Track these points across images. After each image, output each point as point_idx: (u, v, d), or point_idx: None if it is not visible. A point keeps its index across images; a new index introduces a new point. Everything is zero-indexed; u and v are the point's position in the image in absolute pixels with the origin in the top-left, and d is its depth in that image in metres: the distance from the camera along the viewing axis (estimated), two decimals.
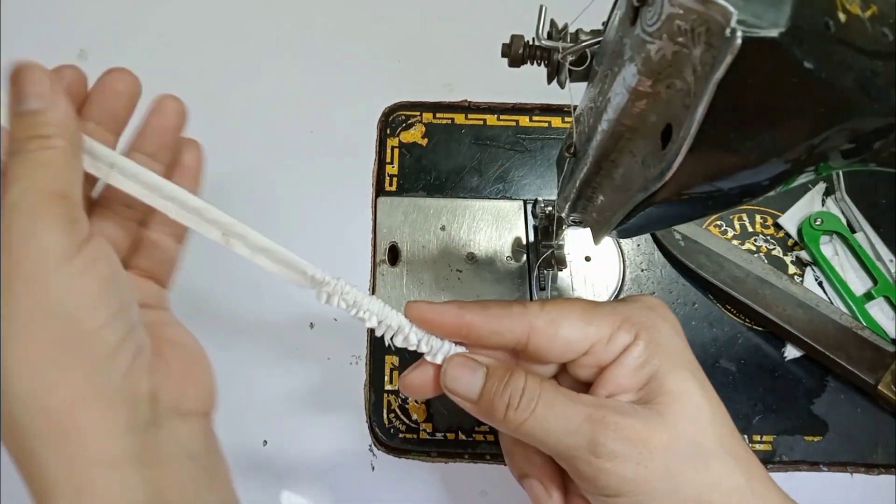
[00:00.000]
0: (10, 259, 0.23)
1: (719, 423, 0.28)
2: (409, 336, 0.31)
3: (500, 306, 0.30)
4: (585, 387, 0.30)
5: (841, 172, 0.50)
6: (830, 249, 0.49)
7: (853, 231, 0.49)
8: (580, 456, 0.27)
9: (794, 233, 0.49)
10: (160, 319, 0.30)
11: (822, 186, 0.50)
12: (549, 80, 0.30)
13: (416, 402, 0.45)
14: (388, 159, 0.51)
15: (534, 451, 0.31)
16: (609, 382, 0.29)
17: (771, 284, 0.46)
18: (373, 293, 0.47)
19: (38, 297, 0.23)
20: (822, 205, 0.50)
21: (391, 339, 0.31)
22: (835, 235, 0.49)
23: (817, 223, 0.48)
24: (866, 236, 0.48)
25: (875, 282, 0.47)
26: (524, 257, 0.48)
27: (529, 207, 0.49)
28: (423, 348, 0.31)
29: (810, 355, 0.45)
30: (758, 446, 0.44)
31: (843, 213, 0.49)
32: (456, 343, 0.31)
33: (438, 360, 0.31)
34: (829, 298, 0.47)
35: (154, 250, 0.32)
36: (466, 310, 0.30)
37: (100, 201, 0.30)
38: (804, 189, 0.50)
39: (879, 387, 0.43)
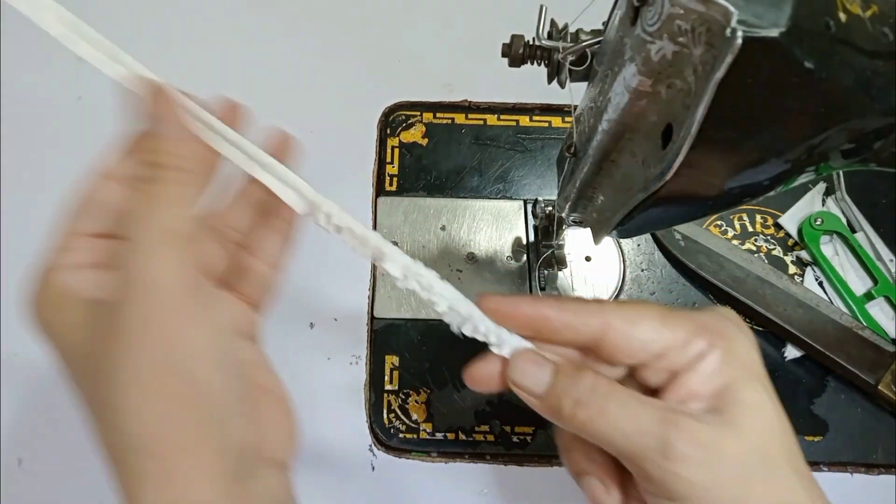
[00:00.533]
0: (130, 304, 0.23)
1: (787, 439, 0.28)
2: (478, 325, 0.30)
3: (577, 301, 0.30)
4: (651, 394, 0.30)
5: (841, 172, 0.50)
6: (831, 249, 0.49)
7: (853, 231, 0.49)
8: (650, 457, 0.26)
9: (794, 233, 0.49)
10: (253, 360, 0.30)
11: (822, 186, 0.50)
12: (550, 80, 0.30)
13: (416, 402, 0.45)
14: (389, 159, 0.51)
15: (595, 450, 0.30)
16: (681, 388, 0.28)
17: (771, 284, 0.46)
18: (373, 293, 0.47)
19: (147, 344, 0.23)
20: (823, 205, 0.50)
21: (459, 327, 0.31)
22: (835, 235, 0.49)
23: (817, 223, 0.48)
24: (866, 236, 0.48)
25: (875, 282, 0.47)
26: (524, 257, 0.48)
27: (529, 207, 0.49)
28: (492, 339, 0.30)
29: (810, 355, 0.45)
30: None
31: (843, 213, 0.49)
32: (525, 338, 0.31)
33: (506, 353, 0.30)
34: (829, 298, 0.47)
35: (252, 275, 0.31)
36: (542, 303, 0.30)
37: (206, 220, 0.30)
38: (804, 189, 0.50)
39: (879, 387, 0.43)
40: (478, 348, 0.46)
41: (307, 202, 0.29)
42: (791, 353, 0.46)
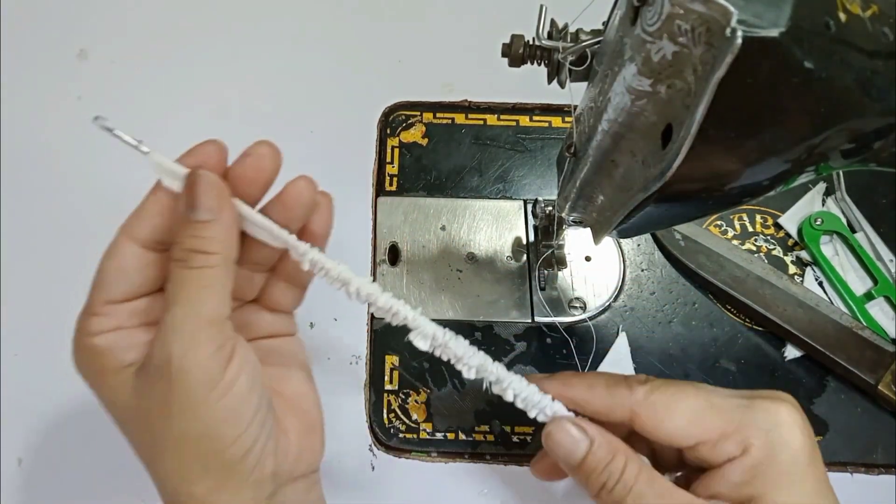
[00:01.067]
0: (167, 385, 0.26)
1: None
2: (506, 389, 0.30)
3: (606, 385, 0.30)
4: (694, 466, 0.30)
5: (841, 172, 0.50)
6: (830, 249, 0.49)
7: (853, 231, 0.49)
8: None
9: (794, 233, 0.49)
10: (283, 374, 0.32)
11: (822, 186, 0.50)
12: (550, 80, 0.30)
13: (416, 401, 0.45)
14: (389, 159, 0.51)
15: None
16: (708, 487, 0.29)
17: (771, 284, 0.46)
18: None
19: (190, 421, 0.26)
20: (823, 205, 0.50)
21: (489, 386, 0.31)
22: (835, 235, 0.49)
23: (817, 223, 0.48)
24: (866, 236, 0.48)
25: (875, 282, 0.47)
26: (524, 257, 0.48)
27: (529, 207, 0.49)
28: (520, 405, 0.31)
29: (810, 355, 0.45)
30: None
31: (843, 212, 0.49)
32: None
33: (541, 418, 0.31)
34: (829, 298, 0.47)
35: (283, 284, 0.34)
36: (571, 385, 0.31)
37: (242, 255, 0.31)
38: (804, 189, 0.50)
39: (879, 387, 0.43)
40: None
41: (340, 282, 0.31)
42: (791, 353, 0.46)
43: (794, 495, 0.28)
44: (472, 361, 0.30)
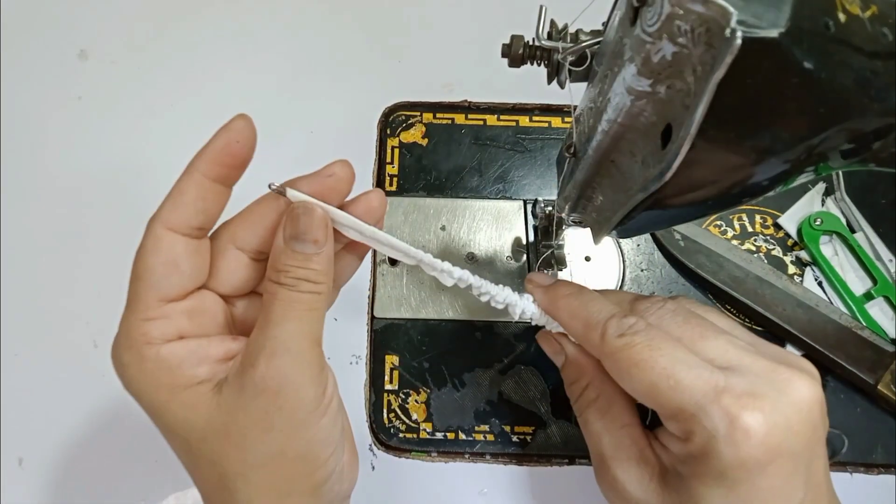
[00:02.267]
0: (274, 401, 0.26)
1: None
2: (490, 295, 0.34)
3: (584, 324, 0.32)
4: None
5: (841, 172, 0.50)
6: (830, 249, 0.49)
7: (853, 231, 0.49)
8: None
9: (793, 233, 0.49)
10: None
11: (821, 186, 0.50)
12: (549, 81, 0.30)
13: (416, 401, 0.45)
14: (388, 159, 0.51)
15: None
16: (663, 440, 0.30)
17: (771, 284, 0.46)
18: (373, 293, 0.47)
19: (286, 440, 0.26)
20: (822, 205, 0.50)
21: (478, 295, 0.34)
22: (834, 235, 0.49)
23: (817, 223, 0.48)
24: (866, 236, 0.48)
25: (875, 282, 0.47)
26: (524, 257, 0.48)
27: (529, 207, 0.49)
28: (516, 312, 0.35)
29: (810, 355, 0.45)
30: None
31: (842, 213, 0.49)
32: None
33: (524, 318, 0.35)
34: (828, 298, 0.47)
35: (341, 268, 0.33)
36: (557, 308, 0.33)
37: None
38: (804, 189, 0.50)
39: (879, 387, 0.43)
40: (475, 352, 0.46)
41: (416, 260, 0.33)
42: (791, 352, 0.46)
43: (719, 500, 0.27)
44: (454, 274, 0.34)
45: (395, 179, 0.51)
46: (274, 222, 0.29)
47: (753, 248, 0.49)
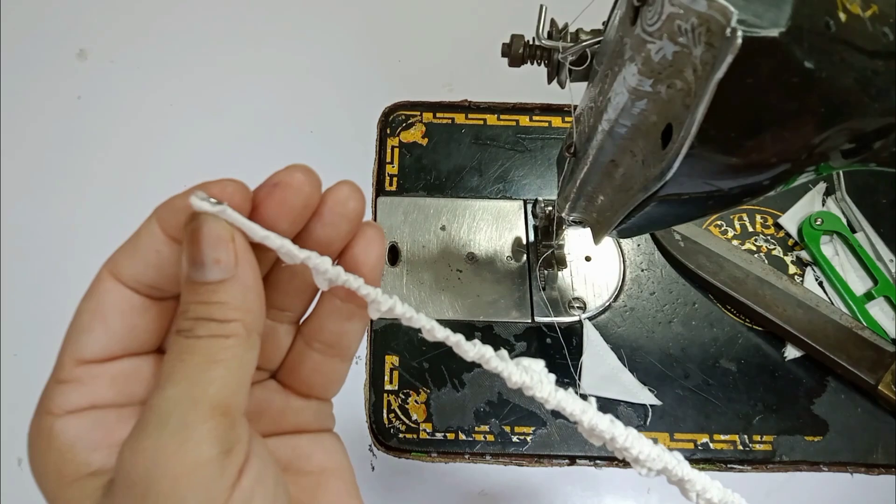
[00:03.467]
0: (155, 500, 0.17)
1: None
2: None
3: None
4: None
5: (841, 172, 0.50)
6: (830, 249, 0.49)
7: (853, 231, 0.49)
8: None
9: (794, 233, 0.49)
10: (313, 466, 0.25)
11: (822, 186, 0.50)
12: (550, 80, 0.30)
13: (416, 401, 0.44)
14: (388, 159, 0.51)
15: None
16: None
17: (771, 285, 0.46)
18: None
19: None
20: (823, 205, 0.50)
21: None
22: (835, 235, 0.48)
23: (817, 223, 0.48)
24: (866, 236, 0.48)
25: (875, 282, 0.47)
26: (524, 257, 0.48)
27: (529, 207, 0.49)
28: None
29: (810, 355, 0.45)
30: (758, 446, 0.44)
31: (843, 212, 0.49)
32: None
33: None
34: (829, 298, 0.47)
35: (318, 373, 0.25)
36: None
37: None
38: (804, 189, 0.50)
39: (880, 387, 0.43)
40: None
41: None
42: (791, 353, 0.46)
43: None
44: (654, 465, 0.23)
45: (395, 179, 0.51)
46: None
47: (754, 248, 0.49)
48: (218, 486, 0.18)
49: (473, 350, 0.23)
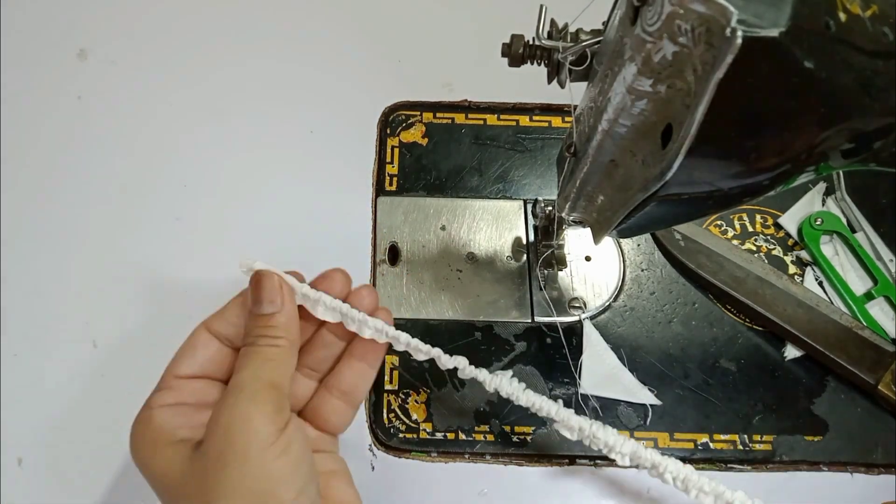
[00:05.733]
0: (226, 437, 0.28)
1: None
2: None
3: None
4: None
5: (841, 172, 0.50)
6: (830, 249, 0.49)
7: (853, 231, 0.49)
8: None
9: (794, 233, 0.49)
10: (325, 469, 0.34)
11: (822, 186, 0.50)
12: (550, 80, 0.30)
13: (416, 401, 0.44)
14: (388, 159, 0.51)
15: None
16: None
17: (771, 284, 0.46)
18: None
19: (242, 475, 0.27)
20: (823, 205, 0.50)
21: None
22: (835, 235, 0.48)
23: (817, 223, 0.48)
24: (866, 236, 0.48)
25: (875, 281, 0.47)
26: (524, 257, 0.48)
27: (529, 207, 0.49)
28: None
29: (810, 355, 0.45)
30: (758, 446, 0.44)
31: (843, 212, 0.49)
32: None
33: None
34: (829, 298, 0.47)
35: (333, 415, 0.36)
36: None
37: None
38: (804, 189, 0.50)
39: (879, 387, 0.43)
40: (475, 352, 0.46)
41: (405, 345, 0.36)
42: (791, 352, 0.46)
43: None
44: (624, 449, 0.34)
45: (395, 179, 0.51)
46: None
47: (754, 248, 0.49)
48: (271, 430, 0.28)
49: (451, 362, 0.35)
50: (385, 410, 0.44)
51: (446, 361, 0.35)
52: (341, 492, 0.34)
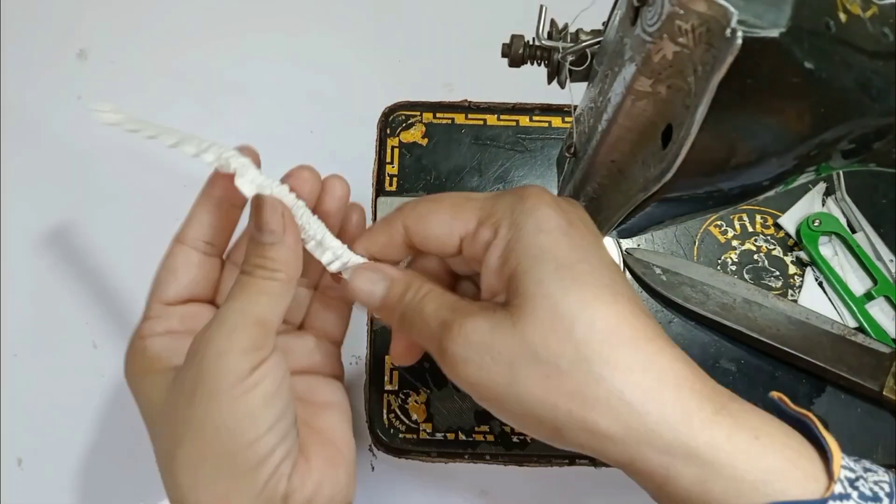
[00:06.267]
0: (199, 371, 0.27)
1: (587, 330, 0.25)
2: (325, 243, 0.32)
3: (383, 221, 0.32)
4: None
5: (841, 172, 0.50)
6: (829, 250, 0.49)
7: (853, 231, 0.49)
8: (437, 360, 0.28)
9: (793, 233, 0.49)
10: (319, 399, 0.33)
11: (822, 187, 0.50)
12: (550, 81, 0.30)
13: (416, 402, 0.45)
14: (388, 159, 0.51)
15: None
16: (483, 285, 0.28)
17: (759, 305, 0.45)
18: None
19: (209, 411, 0.27)
20: (823, 205, 0.50)
21: (312, 251, 0.32)
22: (833, 236, 0.48)
23: (815, 224, 0.48)
24: (866, 236, 0.48)
25: (875, 282, 0.47)
26: None
27: None
28: (329, 256, 0.32)
29: (811, 371, 0.44)
30: None
31: (843, 213, 0.49)
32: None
33: (335, 266, 0.32)
34: (829, 299, 0.47)
35: (327, 311, 0.35)
36: (372, 238, 0.32)
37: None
38: (804, 189, 0.50)
39: (884, 392, 0.43)
40: None
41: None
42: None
43: (540, 268, 0.26)
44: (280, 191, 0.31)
45: (395, 179, 0.51)
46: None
47: (754, 248, 0.49)
48: (244, 367, 0.27)
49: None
50: (385, 411, 0.44)
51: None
52: (332, 426, 0.32)
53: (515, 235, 0.27)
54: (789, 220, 0.49)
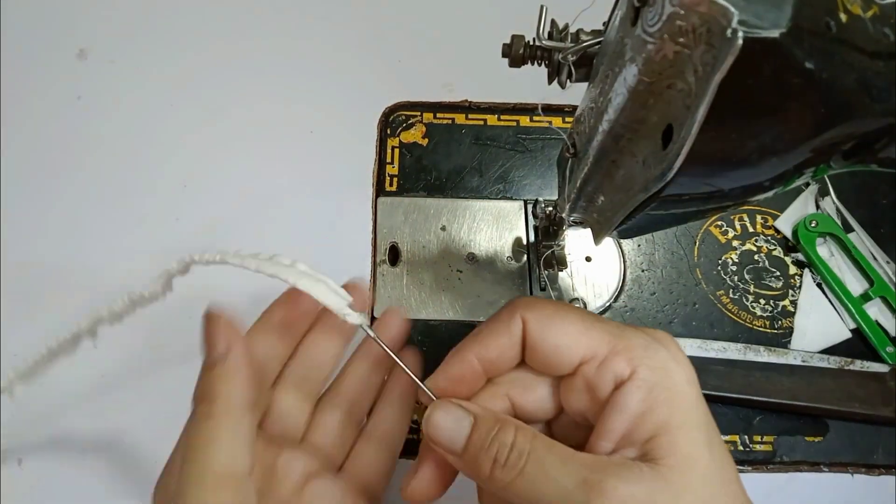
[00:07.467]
0: None
1: (729, 491, 0.25)
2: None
3: (489, 324, 0.28)
4: (584, 431, 0.27)
5: (828, 176, 0.50)
6: (826, 251, 0.48)
7: (849, 231, 0.48)
8: None
9: (790, 235, 0.49)
10: None
11: (815, 188, 0.50)
12: (550, 81, 0.30)
13: (416, 402, 0.44)
14: (389, 159, 0.51)
15: None
16: (610, 433, 0.25)
17: (756, 363, 0.44)
18: (373, 294, 0.47)
19: None
20: (817, 207, 0.50)
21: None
22: (829, 237, 0.48)
23: (812, 225, 0.48)
24: (859, 237, 0.48)
25: (871, 282, 0.47)
26: (525, 257, 0.48)
27: (530, 207, 0.49)
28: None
29: (825, 416, 0.43)
30: (758, 447, 0.44)
31: (838, 212, 0.49)
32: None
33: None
34: (829, 300, 0.47)
35: (368, 452, 0.33)
36: (465, 353, 0.28)
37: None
38: (797, 191, 0.50)
39: None
40: None
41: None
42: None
43: (692, 424, 0.24)
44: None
45: (395, 179, 0.51)
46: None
47: (754, 248, 0.49)
48: None
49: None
50: None
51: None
52: None
53: (662, 383, 0.25)
54: (785, 223, 0.49)
